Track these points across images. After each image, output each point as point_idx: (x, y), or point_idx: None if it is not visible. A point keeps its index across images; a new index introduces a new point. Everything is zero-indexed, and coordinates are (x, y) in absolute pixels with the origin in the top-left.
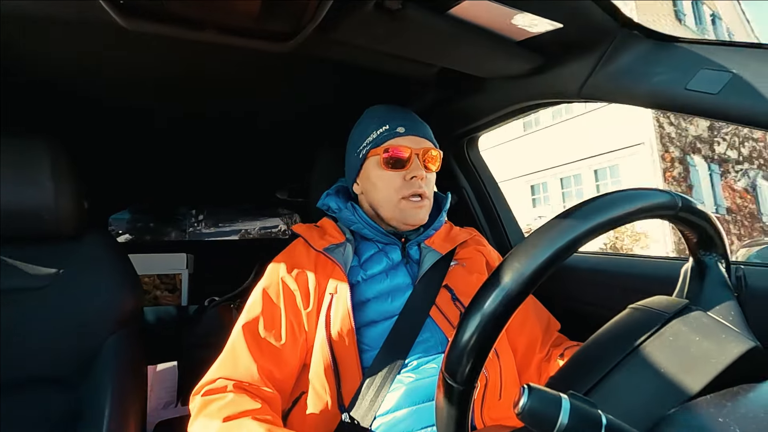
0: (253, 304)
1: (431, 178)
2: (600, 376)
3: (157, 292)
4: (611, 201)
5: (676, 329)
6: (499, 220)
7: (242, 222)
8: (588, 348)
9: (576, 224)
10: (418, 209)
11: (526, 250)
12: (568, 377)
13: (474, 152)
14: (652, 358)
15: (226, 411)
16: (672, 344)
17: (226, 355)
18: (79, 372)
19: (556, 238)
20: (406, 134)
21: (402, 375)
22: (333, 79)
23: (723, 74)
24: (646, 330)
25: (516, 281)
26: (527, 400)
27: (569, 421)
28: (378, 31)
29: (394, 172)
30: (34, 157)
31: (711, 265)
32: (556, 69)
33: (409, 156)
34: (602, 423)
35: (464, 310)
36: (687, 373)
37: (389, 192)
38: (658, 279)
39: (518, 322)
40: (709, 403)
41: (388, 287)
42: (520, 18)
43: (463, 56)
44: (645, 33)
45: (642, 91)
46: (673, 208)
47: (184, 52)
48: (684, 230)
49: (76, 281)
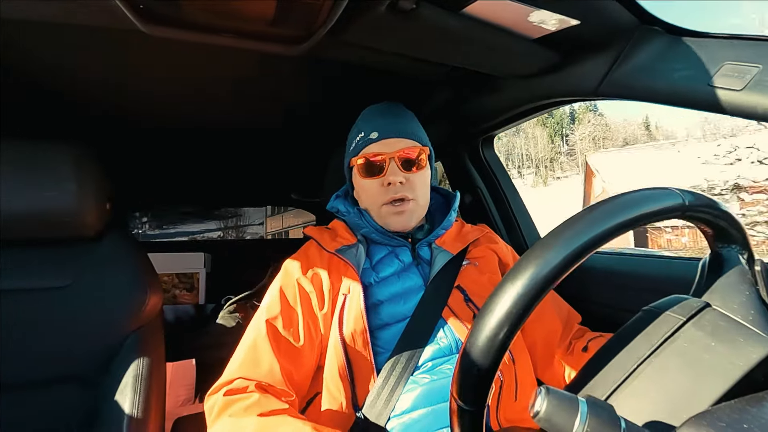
0: (271, 304)
1: (416, 179)
2: (615, 386)
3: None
4: (607, 210)
5: (690, 334)
6: (515, 221)
7: (184, 225)
8: (601, 356)
9: (568, 239)
10: (398, 215)
11: (527, 267)
12: (581, 387)
13: (489, 152)
14: (665, 367)
15: (257, 410)
16: (686, 351)
17: (247, 354)
18: (100, 369)
19: (547, 259)
20: (380, 139)
21: (416, 376)
22: (346, 81)
23: (748, 69)
24: (659, 336)
25: (516, 304)
26: (543, 402)
27: (586, 424)
28: (391, 32)
29: (373, 180)
30: (59, 161)
31: (730, 258)
32: (573, 66)
33: (383, 161)
34: (621, 427)
35: (468, 334)
36: (702, 382)
37: (371, 199)
38: (673, 279)
39: (534, 315)
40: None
41: (400, 289)
42: (536, 15)
43: (478, 55)
44: (666, 28)
45: (662, 89)
46: (680, 209)
47: (202, 57)
48: (699, 225)
49: (98, 280)
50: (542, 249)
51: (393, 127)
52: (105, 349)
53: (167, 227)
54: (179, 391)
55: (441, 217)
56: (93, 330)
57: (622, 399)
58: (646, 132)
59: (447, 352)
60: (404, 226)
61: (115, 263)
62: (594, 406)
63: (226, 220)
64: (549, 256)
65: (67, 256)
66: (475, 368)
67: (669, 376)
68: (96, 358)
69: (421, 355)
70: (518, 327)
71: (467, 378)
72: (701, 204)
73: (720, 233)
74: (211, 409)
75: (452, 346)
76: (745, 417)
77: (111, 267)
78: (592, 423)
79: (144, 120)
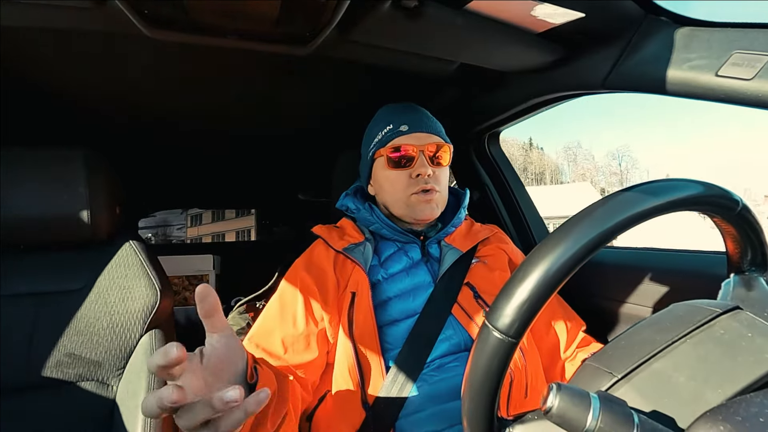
0: (275, 304)
1: (441, 174)
2: (642, 360)
3: (187, 293)
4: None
5: (726, 324)
6: (523, 217)
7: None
8: (631, 334)
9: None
10: (426, 203)
11: (591, 214)
12: (607, 358)
13: (496, 148)
14: (698, 349)
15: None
16: (722, 337)
17: (255, 348)
18: (114, 371)
19: (627, 205)
20: (410, 132)
21: (426, 374)
22: (353, 80)
23: (759, 57)
24: (695, 322)
25: (577, 244)
26: (555, 398)
27: (599, 420)
28: (396, 29)
29: (401, 171)
30: (71, 167)
31: (755, 280)
32: (579, 60)
33: (414, 154)
34: (635, 422)
35: (522, 262)
36: (734, 366)
37: (397, 191)
38: (688, 273)
39: (544, 321)
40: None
41: (409, 286)
42: (540, 9)
43: (483, 51)
44: (673, 18)
45: (670, 80)
46: (734, 209)
47: (209, 60)
48: (732, 240)
49: (111, 283)
50: (620, 196)
51: (422, 122)
52: (118, 351)
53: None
54: None
55: (451, 215)
56: (106, 332)
57: (646, 376)
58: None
59: (456, 349)
60: (431, 215)
61: (127, 266)
62: (607, 401)
63: (155, 228)
64: (624, 202)
65: (79, 260)
66: (525, 291)
67: (701, 357)
68: (110, 360)
69: (432, 352)
70: (576, 266)
71: (509, 300)
72: (751, 216)
73: (747, 253)
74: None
75: (461, 343)
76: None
77: (123, 270)
78: (605, 418)
79: (151, 125)
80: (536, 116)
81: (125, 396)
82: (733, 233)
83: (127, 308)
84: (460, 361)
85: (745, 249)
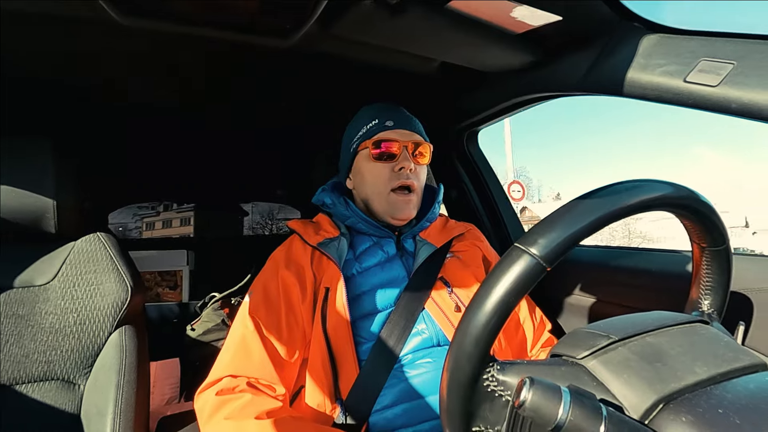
0: (255, 299)
1: (420, 171)
2: (638, 332)
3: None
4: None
5: (705, 327)
6: (500, 216)
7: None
8: (622, 318)
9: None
10: (406, 203)
11: (623, 187)
12: (603, 326)
13: (474, 147)
14: (688, 335)
15: (253, 411)
16: (699, 332)
17: (236, 350)
18: (82, 369)
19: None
20: (395, 128)
21: (398, 369)
22: (333, 76)
23: (723, 66)
24: (675, 319)
25: (616, 203)
26: (528, 392)
27: (569, 413)
28: (377, 25)
29: (384, 164)
30: (37, 157)
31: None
32: (557, 62)
33: (398, 148)
34: (603, 415)
35: (570, 201)
36: (717, 353)
37: (379, 184)
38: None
39: (514, 321)
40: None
41: (383, 280)
42: (519, 10)
43: (463, 50)
44: (646, 25)
45: (643, 84)
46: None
47: (184, 50)
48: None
49: (79, 279)
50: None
51: (406, 120)
52: (87, 348)
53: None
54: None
55: (425, 210)
56: (74, 329)
57: (613, 356)
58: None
59: (429, 344)
60: (409, 215)
61: (96, 261)
62: (577, 395)
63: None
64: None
65: (46, 254)
66: (571, 221)
67: (693, 340)
68: (78, 358)
69: (404, 346)
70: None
71: (552, 227)
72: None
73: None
74: (202, 409)
75: (434, 337)
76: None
77: (92, 265)
78: (575, 411)
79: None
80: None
81: (93, 394)
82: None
83: (95, 304)
84: (433, 357)
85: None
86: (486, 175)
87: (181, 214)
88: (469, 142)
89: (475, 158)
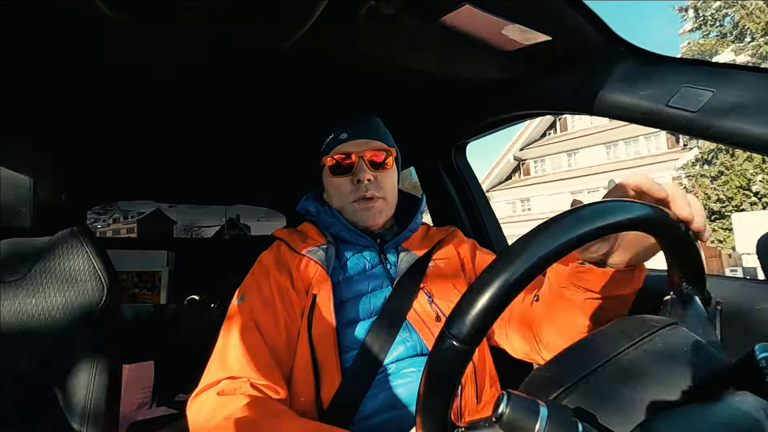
0: (250, 302)
1: (384, 178)
2: (589, 371)
3: (135, 290)
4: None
5: (667, 340)
6: (484, 229)
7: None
8: (580, 345)
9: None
10: (367, 210)
11: (548, 228)
12: (556, 367)
13: (462, 160)
14: (638, 363)
15: (258, 412)
16: (662, 350)
17: (235, 352)
18: (51, 369)
19: (578, 222)
20: (349, 140)
21: (381, 379)
22: (324, 84)
23: (704, 93)
24: (634, 336)
25: (532, 257)
26: (506, 406)
27: (546, 428)
28: (371, 36)
29: (342, 178)
30: (12, 150)
31: (692, 299)
32: (545, 80)
33: (353, 160)
34: (578, 430)
35: (481, 271)
36: (672, 378)
37: (341, 197)
38: None
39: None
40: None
41: (366, 288)
42: (510, 29)
43: (454, 64)
44: (632, 50)
45: (627, 106)
46: (679, 229)
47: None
48: (673, 262)
49: (52, 275)
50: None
51: (362, 128)
52: (56, 347)
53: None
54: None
55: (408, 219)
56: (44, 327)
57: (583, 391)
58: None
59: (411, 353)
60: (373, 222)
61: (71, 258)
62: (554, 409)
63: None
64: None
65: (18, 249)
66: (480, 300)
67: (640, 372)
68: (46, 357)
69: (387, 355)
70: (530, 279)
71: (466, 310)
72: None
73: (688, 273)
74: (199, 410)
75: (416, 347)
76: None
77: (66, 262)
78: (551, 426)
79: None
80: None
81: (61, 396)
82: (673, 254)
83: (68, 302)
84: (415, 367)
85: (684, 270)
86: (472, 187)
87: (162, 213)
88: (457, 155)
89: (462, 171)
